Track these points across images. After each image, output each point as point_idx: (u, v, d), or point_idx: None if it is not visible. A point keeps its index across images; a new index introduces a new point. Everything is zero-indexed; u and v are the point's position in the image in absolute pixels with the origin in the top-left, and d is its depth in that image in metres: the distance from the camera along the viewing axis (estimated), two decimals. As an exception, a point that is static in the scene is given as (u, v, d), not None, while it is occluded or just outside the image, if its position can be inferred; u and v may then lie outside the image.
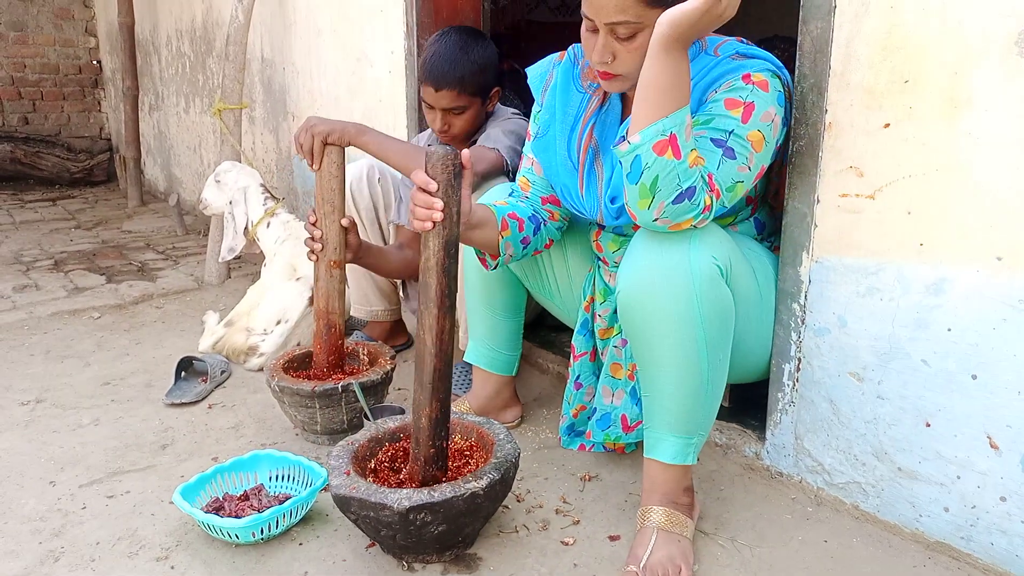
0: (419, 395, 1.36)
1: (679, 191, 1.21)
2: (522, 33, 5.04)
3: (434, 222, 1.29)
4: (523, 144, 1.81)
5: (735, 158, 1.28)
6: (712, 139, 1.28)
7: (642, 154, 1.20)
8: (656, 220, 1.24)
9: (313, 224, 1.80)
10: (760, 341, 1.54)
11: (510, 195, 1.66)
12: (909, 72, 1.28)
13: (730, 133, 1.28)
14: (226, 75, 3.16)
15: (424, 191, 1.30)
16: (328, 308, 1.86)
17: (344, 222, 1.80)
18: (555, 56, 1.62)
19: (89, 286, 3.17)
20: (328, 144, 1.79)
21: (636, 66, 1.33)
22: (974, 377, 1.28)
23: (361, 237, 1.91)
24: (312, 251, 1.82)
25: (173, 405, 2.03)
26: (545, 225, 1.62)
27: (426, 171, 1.31)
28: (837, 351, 1.46)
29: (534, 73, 1.64)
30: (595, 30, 1.34)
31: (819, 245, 1.45)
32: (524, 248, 1.59)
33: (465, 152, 1.32)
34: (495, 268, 1.64)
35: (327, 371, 1.86)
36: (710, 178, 1.25)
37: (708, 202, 1.24)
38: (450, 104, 1.92)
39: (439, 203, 1.28)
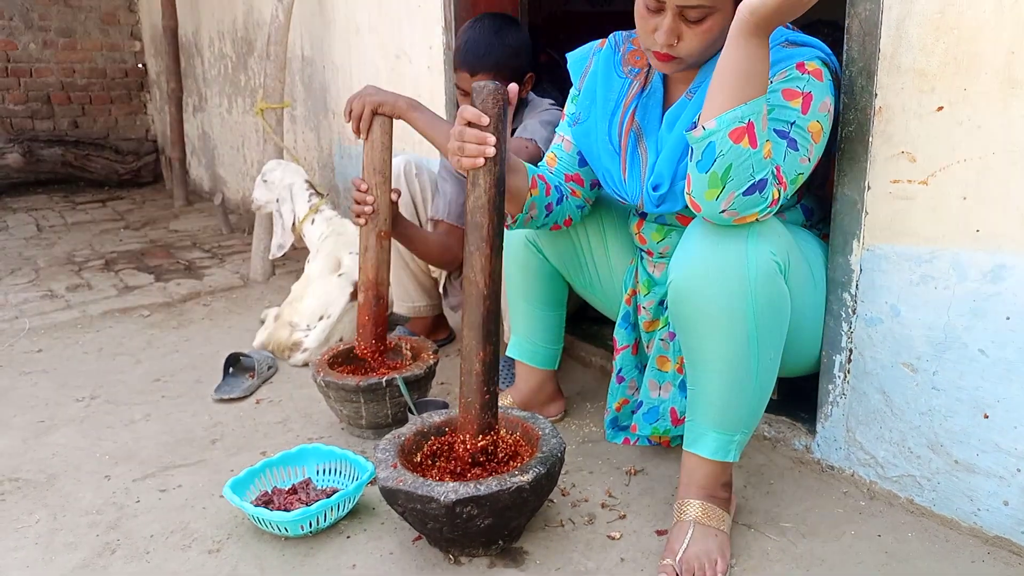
0: (471, 339, 1.34)
1: (751, 182, 1.17)
2: (559, 24, 5.02)
3: (486, 158, 1.28)
4: None
5: (798, 150, 1.25)
6: (775, 130, 1.25)
7: (716, 141, 1.17)
8: (723, 212, 1.20)
9: (364, 192, 1.82)
10: (811, 334, 1.51)
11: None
12: (963, 53, 1.24)
13: (792, 124, 1.25)
14: (267, 75, 3.20)
15: (475, 126, 1.28)
16: (377, 279, 1.87)
17: (393, 195, 1.83)
18: (596, 43, 1.60)
19: (138, 285, 3.24)
20: (377, 114, 1.81)
21: (698, 49, 1.31)
22: (1035, 367, 1.24)
23: None
24: (360, 215, 1.83)
25: (222, 401, 2.07)
26: (567, 199, 1.59)
27: (476, 106, 1.28)
28: (890, 341, 1.42)
29: (574, 58, 1.62)
30: (658, 11, 1.31)
31: (870, 233, 1.41)
32: (547, 215, 1.56)
33: (513, 86, 1.31)
34: (512, 228, 1.58)
35: (374, 343, 1.89)
36: (778, 170, 1.22)
37: (776, 195, 1.21)
38: None
39: (492, 137, 1.27)
